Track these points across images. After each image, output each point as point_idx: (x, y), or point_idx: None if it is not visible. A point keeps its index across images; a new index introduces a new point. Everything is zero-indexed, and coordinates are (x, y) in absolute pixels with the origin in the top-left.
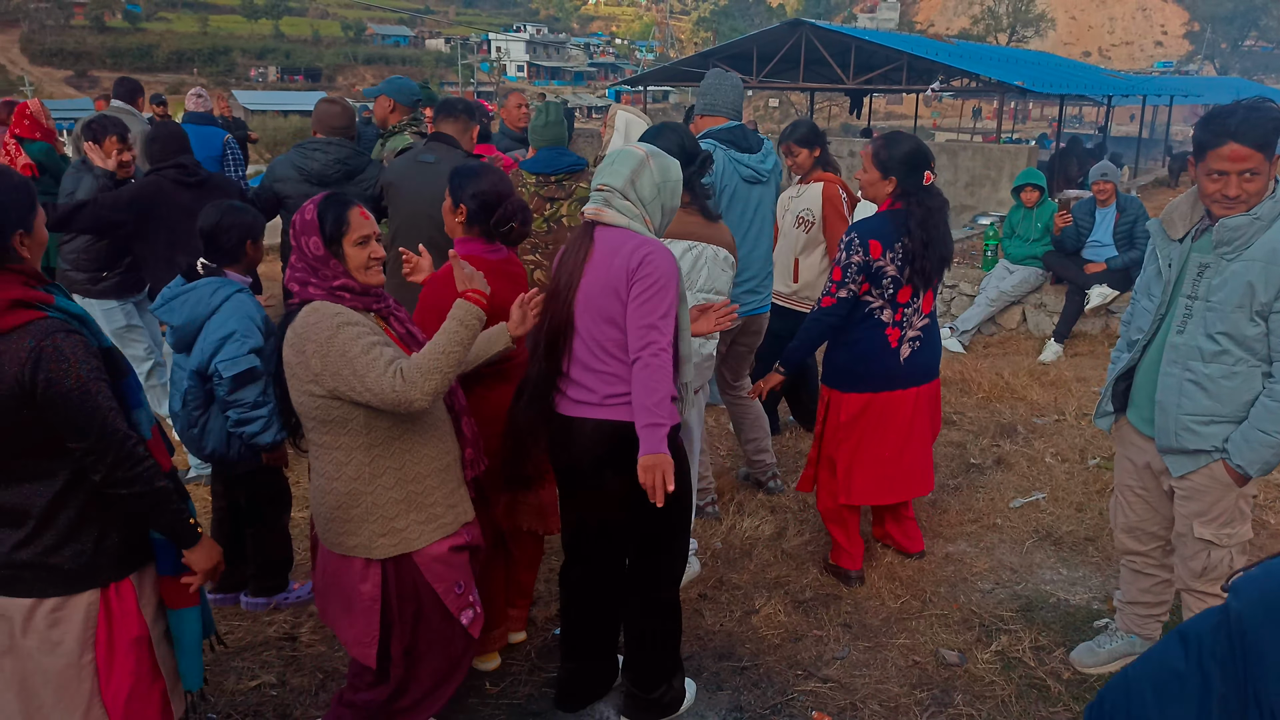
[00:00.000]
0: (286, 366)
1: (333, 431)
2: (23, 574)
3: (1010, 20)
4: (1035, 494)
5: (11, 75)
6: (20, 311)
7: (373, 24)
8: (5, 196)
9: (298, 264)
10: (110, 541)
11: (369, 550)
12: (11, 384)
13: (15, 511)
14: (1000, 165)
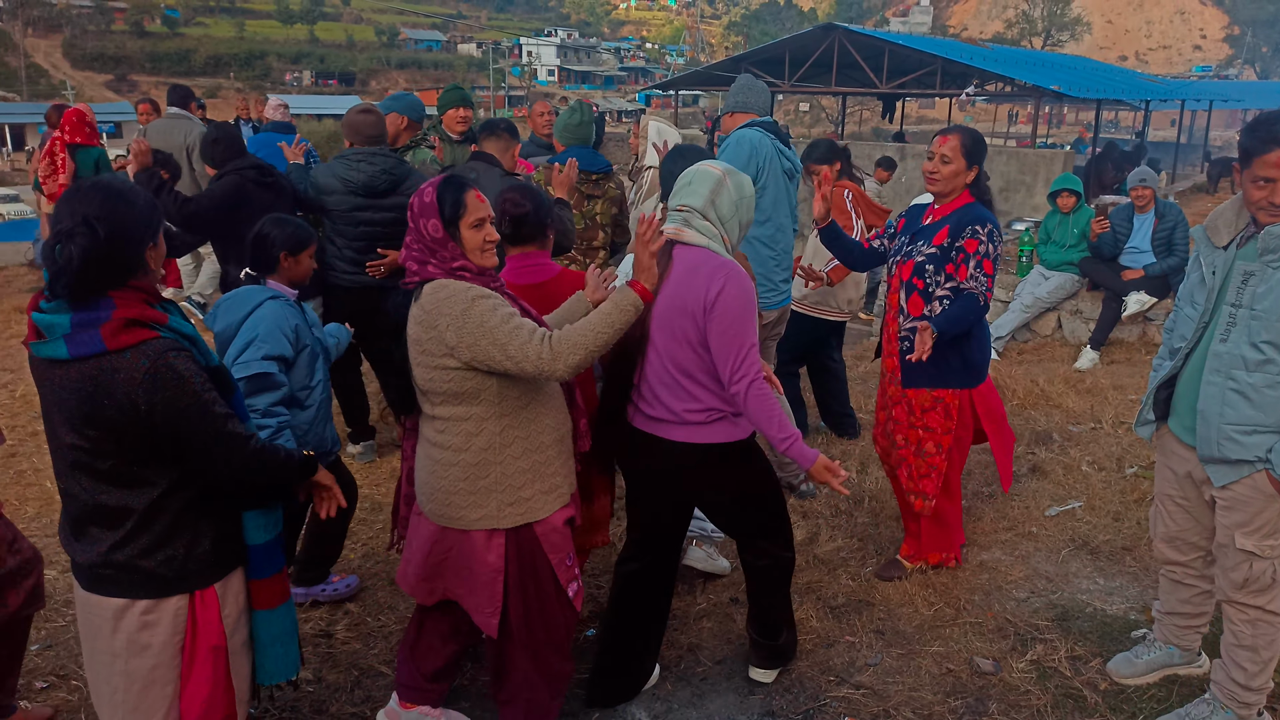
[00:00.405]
0: (415, 344)
1: (465, 404)
2: (117, 575)
3: (1045, 24)
4: (1071, 502)
5: (54, 79)
6: (136, 330)
7: (406, 29)
8: (139, 210)
9: (415, 245)
10: (202, 549)
11: (496, 520)
12: (121, 400)
13: (115, 513)
14: (1035, 170)
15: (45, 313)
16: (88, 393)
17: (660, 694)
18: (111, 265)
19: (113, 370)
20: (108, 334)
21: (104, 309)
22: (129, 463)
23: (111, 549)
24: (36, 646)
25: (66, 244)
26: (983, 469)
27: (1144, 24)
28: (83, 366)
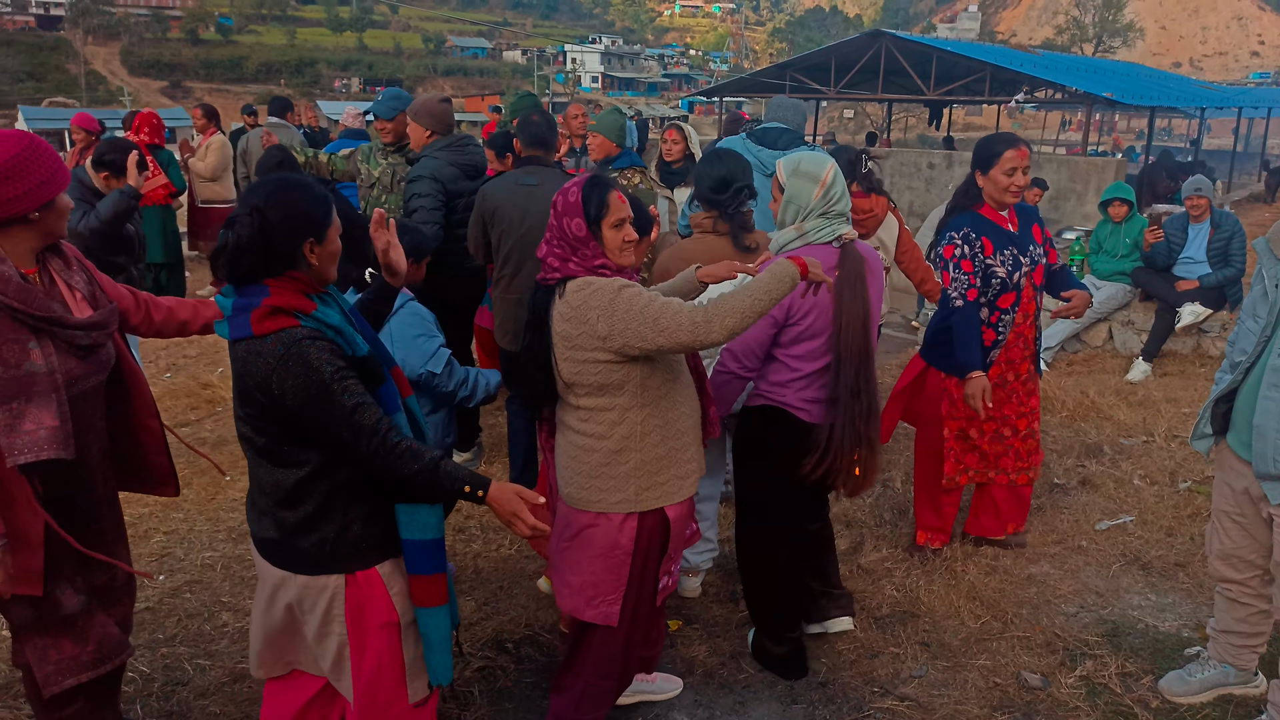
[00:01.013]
0: (563, 339)
1: (609, 394)
2: (277, 548)
3: (1096, 30)
4: (1123, 517)
5: (111, 85)
6: (279, 318)
7: (452, 36)
8: (307, 206)
9: (556, 243)
10: (352, 533)
11: (634, 504)
12: (260, 382)
13: (271, 489)
14: (1086, 179)
15: (220, 296)
16: (239, 373)
17: (702, 700)
18: (267, 254)
19: (256, 354)
20: (255, 319)
21: (258, 296)
22: (277, 441)
23: (272, 523)
24: None
25: (230, 230)
26: None
27: (1199, 30)
28: (237, 348)
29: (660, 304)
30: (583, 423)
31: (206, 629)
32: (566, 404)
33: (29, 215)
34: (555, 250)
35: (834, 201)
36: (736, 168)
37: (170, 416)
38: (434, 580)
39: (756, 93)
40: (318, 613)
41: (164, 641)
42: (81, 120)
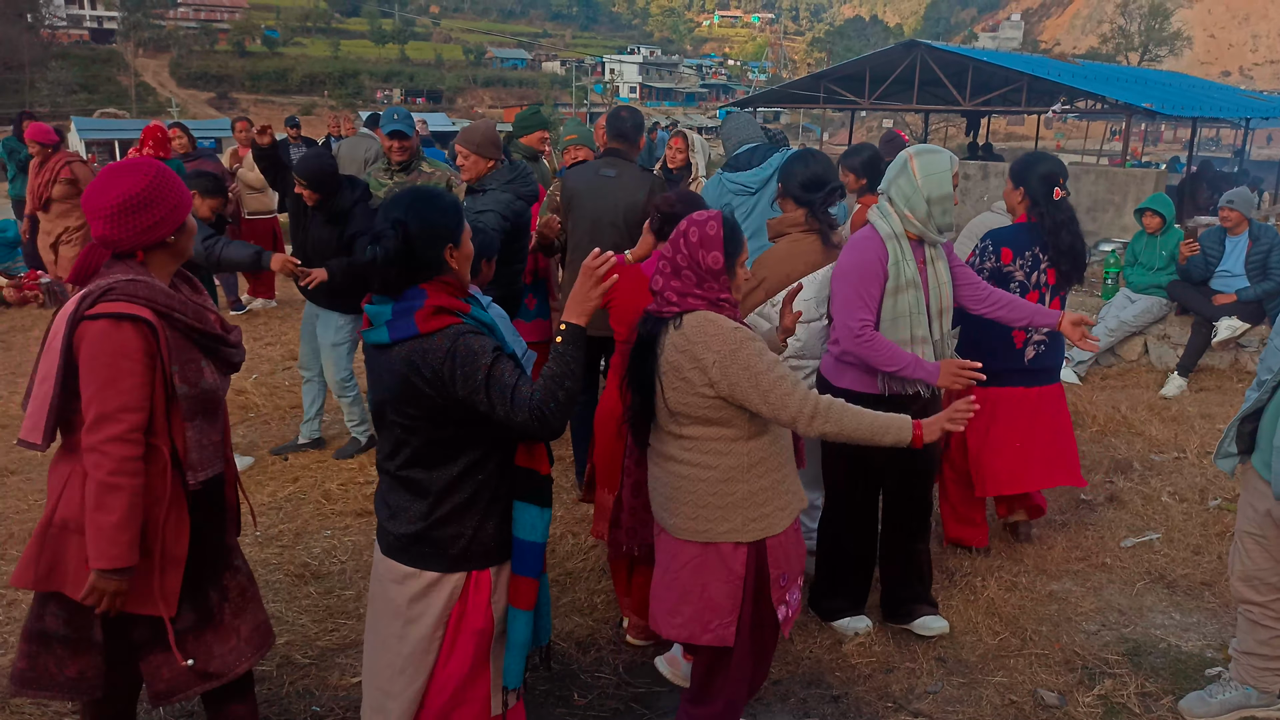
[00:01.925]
0: (674, 369)
1: (715, 426)
2: (411, 545)
3: (1142, 39)
4: (1149, 534)
5: (161, 97)
6: (442, 317)
7: (492, 48)
8: (441, 214)
9: (686, 272)
10: (486, 532)
11: (740, 534)
12: (431, 376)
13: (419, 488)
14: (1125, 190)
15: (373, 304)
16: (404, 373)
17: None
18: (416, 262)
19: (424, 351)
20: (420, 320)
21: (418, 299)
22: (435, 440)
23: (411, 521)
24: None
25: (376, 245)
26: (1055, 496)
27: (1249, 38)
28: (401, 349)
29: (775, 376)
30: (686, 452)
31: None
32: (667, 433)
33: (167, 239)
34: (677, 283)
35: (936, 217)
36: (827, 167)
37: None
38: (530, 583)
39: (791, 104)
40: (421, 612)
41: None
42: (36, 132)
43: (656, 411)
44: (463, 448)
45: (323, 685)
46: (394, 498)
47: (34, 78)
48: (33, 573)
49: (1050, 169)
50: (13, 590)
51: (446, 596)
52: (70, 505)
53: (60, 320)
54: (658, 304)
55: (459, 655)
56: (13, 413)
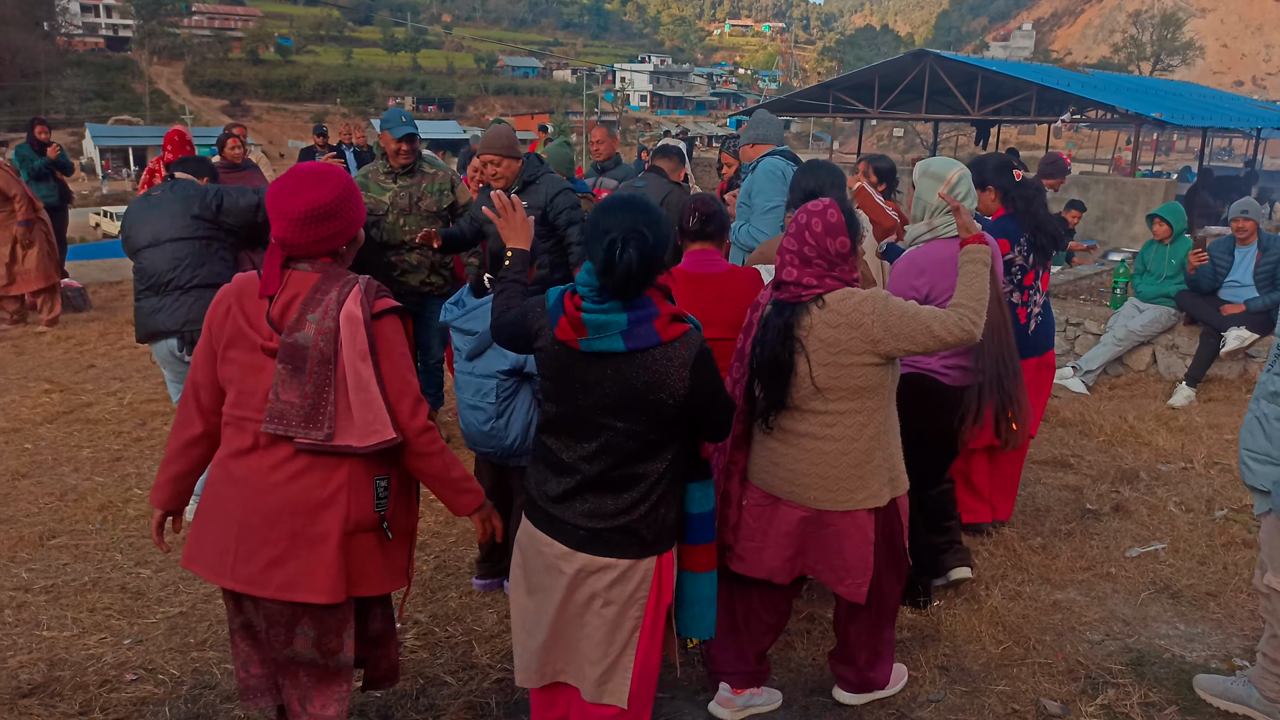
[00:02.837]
0: (827, 347)
1: (862, 398)
2: (612, 537)
3: (1154, 48)
4: (1154, 544)
5: (175, 104)
6: (678, 325)
7: (504, 56)
8: (668, 226)
9: (816, 260)
10: (671, 517)
11: (877, 499)
12: (673, 383)
13: (625, 483)
14: (1134, 199)
15: (597, 313)
16: (643, 380)
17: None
18: (653, 267)
19: (666, 359)
20: (660, 328)
21: (650, 308)
22: (652, 441)
23: (614, 516)
24: (129, 641)
25: (626, 249)
26: (1062, 504)
27: (1263, 48)
28: (639, 357)
29: (928, 310)
30: (829, 428)
31: None
32: (808, 412)
33: (339, 249)
34: (810, 270)
35: (959, 199)
36: (828, 179)
37: None
38: (710, 548)
39: (800, 112)
40: (624, 595)
41: (194, 646)
42: None
43: (793, 393)
44: (668, 444)
45: None
46: (593, 497)
47: (50, 85)
48: (343, 584)
49: (999, 160)
50: (22, 593)
51: (640, 579)
52: (364, 507)
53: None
54: (792, 292)
55: (657, 629)
56: (23, 416)
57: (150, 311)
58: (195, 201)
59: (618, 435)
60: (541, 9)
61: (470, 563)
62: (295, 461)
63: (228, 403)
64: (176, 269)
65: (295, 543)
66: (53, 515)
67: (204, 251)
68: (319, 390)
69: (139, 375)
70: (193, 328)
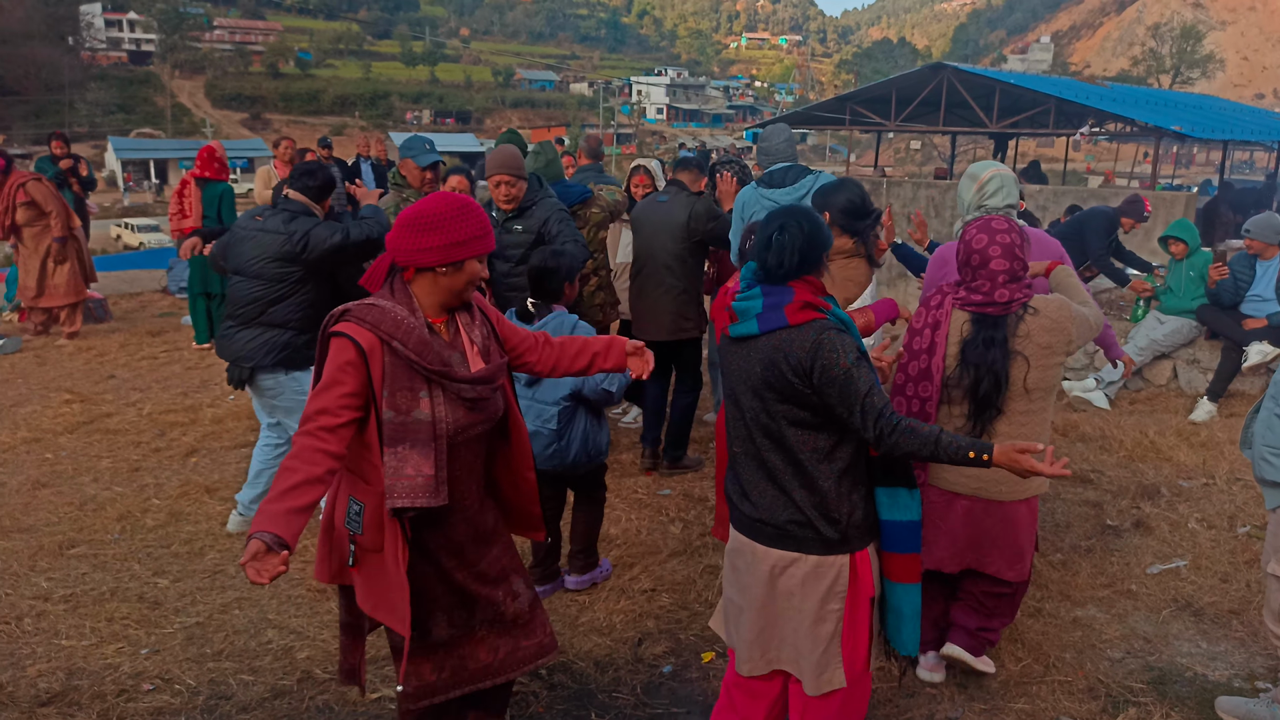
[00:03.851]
0: (1044, 351)
1: (1052, 393)
2: (798, 532)
3: (1174, 61)
4: (1176, 561)
5: (196, 117)
6: (809, 311)
7: (521, 69)
8: (825, 230)
9: (1020, 273)
10: (857, 517)
11: (1040, 487)
12: (795, 365)
13: (793, 476)
14: (1154, 213)
15: (742, 300)
16: (770, 360)
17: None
18: (807, 258)
19: (790, 341)
20: (789, 312)
21: (787, 295)
22: (795, 425)
23: (785, 509)
24: (146, 651)
25: (783, 233)
26: (1082, 520)
27: None
28: (769, 339)
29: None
30: (1023, 426)
31: (252, 645)
32: (1006, 414)
33: (436, 268)
34: (1016, 284)
35: (986, 197)
36: (860, 193)
37: (233, 438)
38: (912, 559)
39: (816, 125)
40: (819, 591)
41: (210, 656)
42: None
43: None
44: (820, 433)
45: (342, 701)
46: (768, 489)
47: (73, 98)
48: (327, 569)
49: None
50: (41, 602)
51: (833, 576)
52: (340, 517)
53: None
54: (1005, 308)
55: (860, 621)
56: (44, 426)
57: (222, 335)
58: (284, 242)
59: (769, 420)
60: (559, 23)
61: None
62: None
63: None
64: (250, 304)
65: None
66: (72, 524)
67: (278, 291)
68: None
69: (158, 386)
70: (243, 364)
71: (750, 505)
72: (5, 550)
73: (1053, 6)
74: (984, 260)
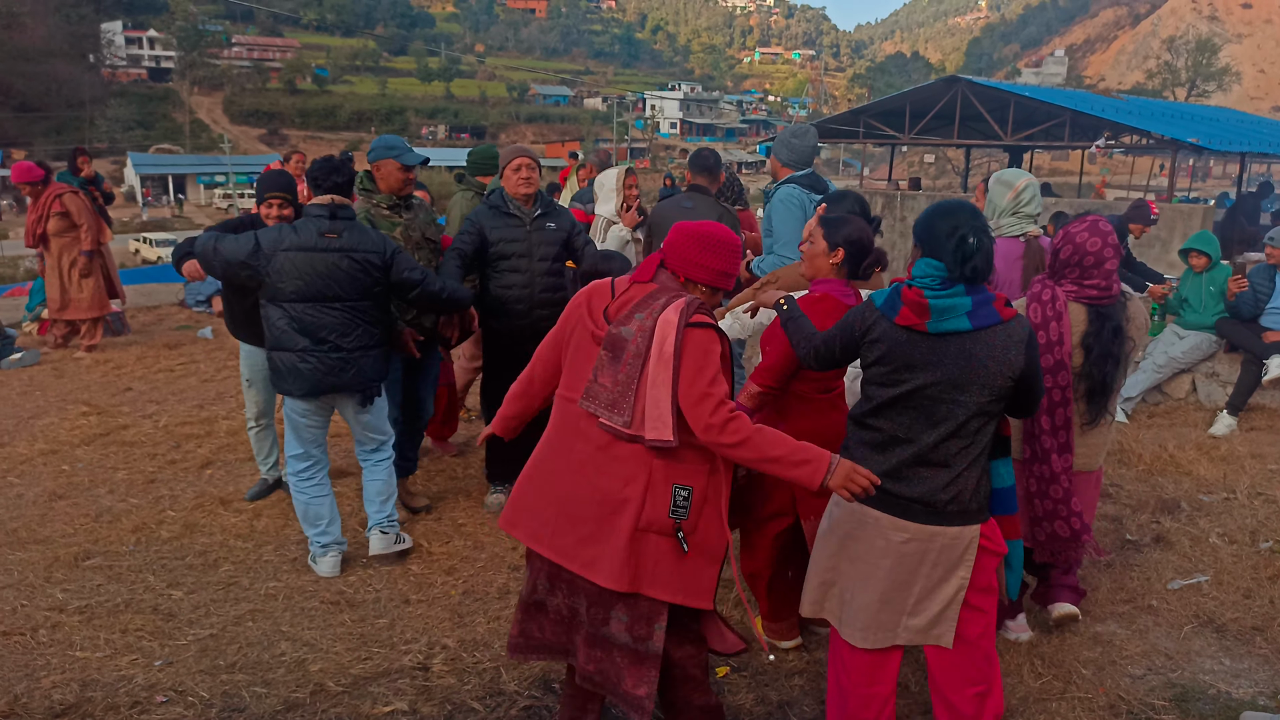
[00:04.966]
0: (1139, 330)
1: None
2: (945, 507)
3: (1190, 74)
4: (1197, 576)
5: (214, 133)
6: (1011, 309)
7: (536, 85)
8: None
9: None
10: (987, 488)
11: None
12: (1010, 356)
13: (957, 456)
14: (1172, 226)
15: (943, 298)
16: (986, 354)
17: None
18: (991, 257)
19: (1005, 335)
20: (999, 309)
21: (988, 293)
22: (987, 411)
23: (945, 487)
24: (160, 662)
25: (977, 238)
26: (1101, 535)
27: None
28: (981, 334)
29: None
30: (1113, 402)
31: (265, 657)
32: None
33: (701, 285)
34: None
35: (1023, 205)
36: (859, 206)
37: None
38: (1014, 517)
39: (831, 139)
40: (951, 558)
41: (224, 668)
42: (21, 173)
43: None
44: (992, 420)
45: (355, 713)
46: (926, 470)
47: (94, 115)
48: (627, 574)
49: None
50: (56, 613)
51: (966, 544)
52: (658, 510)
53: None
54: (1109, 296)
55: (984, 584)
56: (61, 437)
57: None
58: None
59: (957, 409)
60: (573, 39)
61: (499, 588)
62: (608, 451)
63: (561, 384)
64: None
65: (600, 526)
66: (88, 536)
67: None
68: (628, 380)
69: (175, 398)
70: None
71: (904, 485)
72: (21, 561)
73: (1066, 20)
74: (1099, 260)
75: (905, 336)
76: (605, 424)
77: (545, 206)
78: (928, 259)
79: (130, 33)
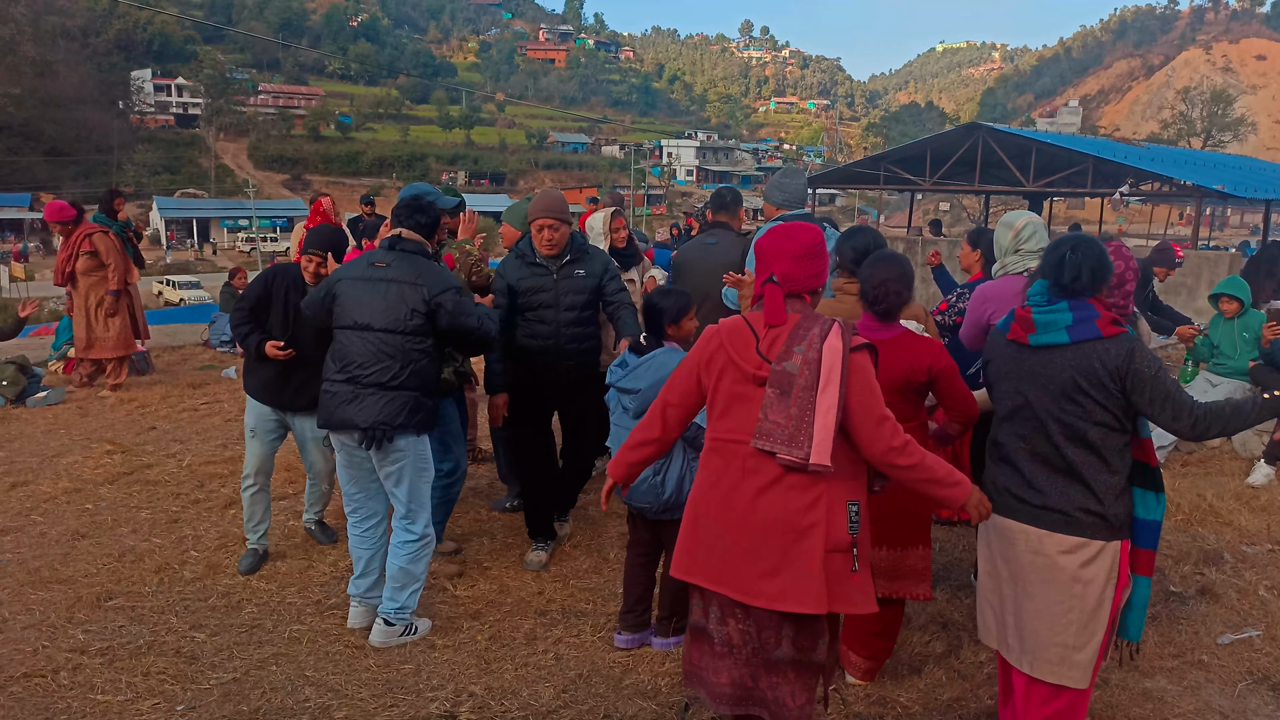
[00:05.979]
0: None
1: None
2: (1082, 518)
3: (1205, 124)
4: (1248, 630)
5: (238, 178)
6: (1115, 327)
7: (554, 133)
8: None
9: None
10: (1124, 510)
11: None
12: (1111, 369)
13: (1078, 467)
14: (1198, 273)
15: (1045, 312)
16: (1084, 367)
17: None
18: (1099, 276)
19: (1104, 350)
20: (1101, 325)
21: (1092, 310)
22: (1099, 424)
23: (1078, 498)
24: (182, 707)
25: (1075, 253)
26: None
27: None
28: (1080, 348)
29: None
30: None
31: (289, 703)
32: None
33: (818, 290)
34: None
35: (1023, 242)
36: (873, 240)
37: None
38: (1151, 554)
39: (852, 184)
40: (1100, 574)
41: (247, 714)
42: (53, 212)
43: None
44: (1120, 435)
45: None
46: (1047, 475)
47: (121, 160)
48: (825, 597)
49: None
50: (78, 655)
51: (1110, 560)
52: (839, 529)
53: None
54: (1124, 316)
55: (1113, 608)
56: (85, 476)
57: (333, 396)
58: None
59: (1069, 418)
60: (591, 88)
61: (525, 633)
62: (782, 482)
63: (715, 429)
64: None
65: (786, 557)
66: (110, 576)
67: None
68: (801, 414)
69: (199, 438)
70: (386, 428)
71: (1036, 494)
72: (44, 601)
73: (1080, 71)
74: (1120, 280)
75: (1014, 350)
76: (784, 459)
77: (575, 252)
78: (1040, 279)
79: (159, 80)
